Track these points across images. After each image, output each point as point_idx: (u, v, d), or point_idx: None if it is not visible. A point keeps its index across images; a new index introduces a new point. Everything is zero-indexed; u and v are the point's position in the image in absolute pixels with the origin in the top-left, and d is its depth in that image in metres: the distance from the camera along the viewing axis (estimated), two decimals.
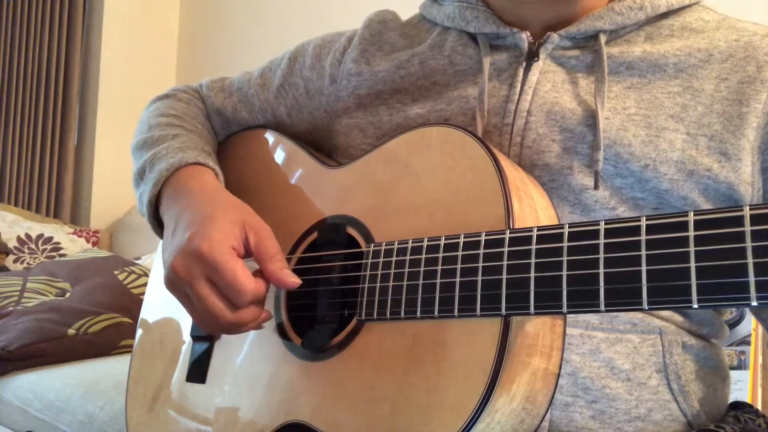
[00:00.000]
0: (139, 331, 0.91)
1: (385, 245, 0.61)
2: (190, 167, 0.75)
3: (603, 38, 0.67)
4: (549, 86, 0.67)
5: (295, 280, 0.63)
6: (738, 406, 0.73)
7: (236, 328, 0.63)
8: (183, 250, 0.63)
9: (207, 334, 0.78)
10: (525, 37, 0.69)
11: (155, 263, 0.95)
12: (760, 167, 0.64)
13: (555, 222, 0.60)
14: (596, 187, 0.63)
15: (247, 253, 0.64)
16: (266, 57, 0.94)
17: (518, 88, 0.68)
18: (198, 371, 0.77)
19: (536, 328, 0.53)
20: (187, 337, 0.81)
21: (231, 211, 0.67)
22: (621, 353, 0.62)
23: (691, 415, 0.65)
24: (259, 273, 0.63)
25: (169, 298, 0.88)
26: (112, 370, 1.60)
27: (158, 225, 0.77)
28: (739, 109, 0.64)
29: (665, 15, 0.69)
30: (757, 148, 0.64)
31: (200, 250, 0.61)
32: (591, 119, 0.64)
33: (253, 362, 0.71)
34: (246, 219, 0.66)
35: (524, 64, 0.69)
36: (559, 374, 0.55)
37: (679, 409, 0.64)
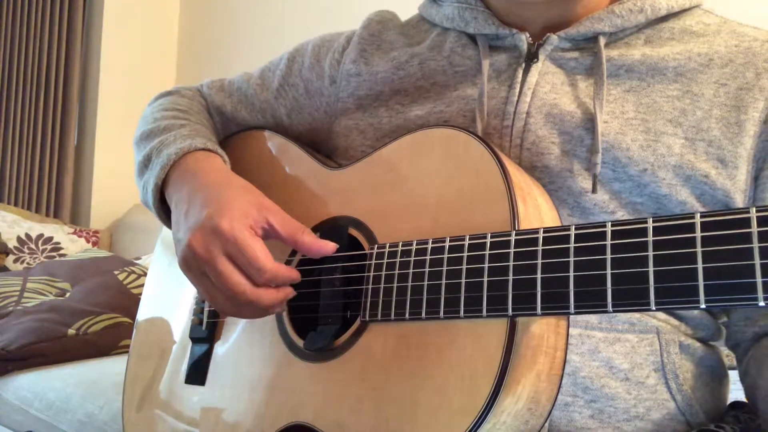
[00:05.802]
0: (136, 332, 0.91)
1: (389, 246, 0.61)
2: (199, 152, 0.75)
3: (602, 40, 0.67)
4: (548, 87, 0.67)
5: (332, 245, 0.64)
6: (738, 405, 0.73)
7: (255, 307, 0.62)
8: (202, 227, 0.62)
9: (222, 317, 0.77)
10: (524, 38, 0.69)
11: (152, 265, 0.95)
12: (753, 175, 0.64)
13: (558, 225, 0.60)
14: (594, 190, 0.62)
15: (264, 236, 0.64)
16: (266, 57, 0.94)
17: (517, 90, 0.67)
18: (197, 373, 0.77)
19: (541, 329, 0.52)
20: (185, 339, 0.81)
21: (246, 193, 0.67)
22: (619, 353, 0.62)
23: (690, 414, 0.65)
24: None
25: (166, 299, 0.88)
26: (112, 370, 1.60)
27: (163, 211, 0.76)
28: (738, 116, 0.63)
29: (665, 18, 0.69)
30: (753, 157, 0.64)
31: (221, 227, 0.61)
32: (590, 122, 0.64)
33: (254, 364, 0.71)
34: (261, 201, 0.66)
35: (523, 65, 0.68)
36: (562, 375, 0.55)
37: (678, 408, 0.64)
